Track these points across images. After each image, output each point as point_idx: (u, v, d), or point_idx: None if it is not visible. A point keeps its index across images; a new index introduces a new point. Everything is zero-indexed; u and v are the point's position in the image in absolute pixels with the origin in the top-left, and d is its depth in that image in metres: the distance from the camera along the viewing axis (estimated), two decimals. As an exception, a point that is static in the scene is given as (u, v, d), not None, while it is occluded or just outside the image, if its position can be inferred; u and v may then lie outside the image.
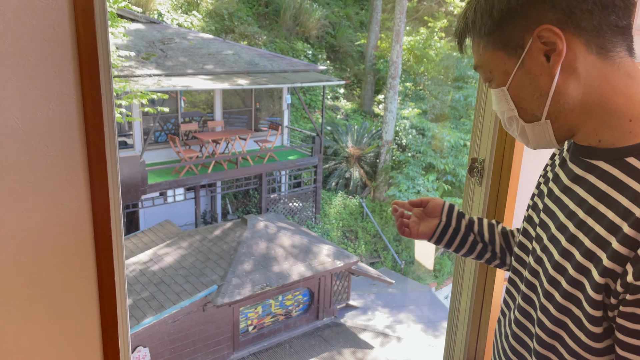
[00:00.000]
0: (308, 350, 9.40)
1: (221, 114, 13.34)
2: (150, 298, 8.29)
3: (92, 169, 0.90)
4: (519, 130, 0.86)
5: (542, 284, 0.83)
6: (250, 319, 9.29)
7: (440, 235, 1.16)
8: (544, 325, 0.81)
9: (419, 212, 1.19)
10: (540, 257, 0.85)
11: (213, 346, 8.79)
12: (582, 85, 0.76)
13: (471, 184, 1.44)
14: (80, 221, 0.92)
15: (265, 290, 8.54)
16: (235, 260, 8.80)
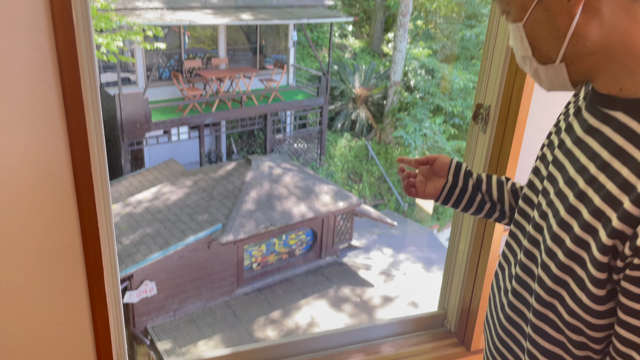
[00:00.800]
0: (310, 287, 9.66)
1: (225, 50, 13.02)
2: (156, 234, 8.44)
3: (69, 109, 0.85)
4: (532, 70, 0.80)
5: (545, 240, 0.79)
6: (255, 257, 9.49)
7: (447, 196, 1.12)
8: (544, 283, 0.78)
9: (425, 170, 1.15)
10: (546, 212, 0.81)
11: (218, 282, 9.04)
12: (605, 27, 0.69)
13: (475, 131, 1.37)
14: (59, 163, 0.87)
15: (269, 230, 8.66)
16: (239, 200, 8.87)
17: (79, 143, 0.89)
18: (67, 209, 0.91)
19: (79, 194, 0.90)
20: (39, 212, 0.89)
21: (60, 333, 0.95)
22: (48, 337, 0.95)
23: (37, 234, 0.90)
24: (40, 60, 0.83)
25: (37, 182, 0.87)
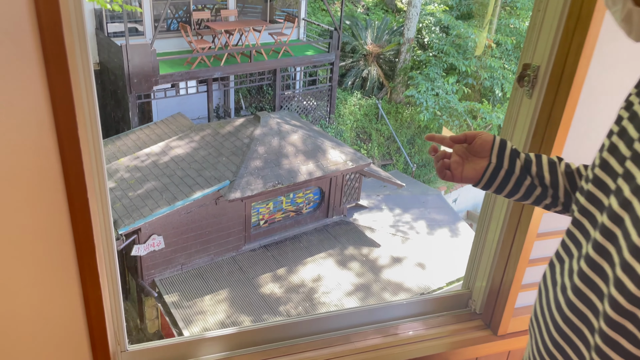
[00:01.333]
0: (316, 246, 9.68)
1: (235, 2, 12.59)
2: (163, 189, 8.40)
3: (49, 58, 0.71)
4: (624, 13, 0.65)
5: (629, 235, 0.66)
6: (262, 214, 9.48)
7: (490, 179, 0.97)
8: (624, 288, 0.65)
9: (461, 150, 1.00)
10: (629, 200, 0.67)
11: (225, 237, 9.06)
12: None
13: (519, 95, 1.22)
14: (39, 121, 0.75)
15: (277, 188, 8.59)
16: (247, 157, 8.77)
17: (62, 95, 0.75)
18: (51, 177, 0.78)
19: (64, 158, 0.78)
20: (19, 178, 0.77)
21: (48, 315, 0.86)
22: (35, 320, 0.86)
23: (17, 206, 0.79)
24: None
25: (17, 144, 0.74)
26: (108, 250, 0.96)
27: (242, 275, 8.81)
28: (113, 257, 0.98)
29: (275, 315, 8.01)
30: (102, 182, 0.88)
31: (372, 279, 8.93)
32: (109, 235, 0.96)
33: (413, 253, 9.71)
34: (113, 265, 1.00)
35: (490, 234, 1.44)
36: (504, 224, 1.36)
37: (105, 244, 0.94)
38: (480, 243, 1.49)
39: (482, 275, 1.44)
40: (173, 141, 9.76)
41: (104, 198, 0.91)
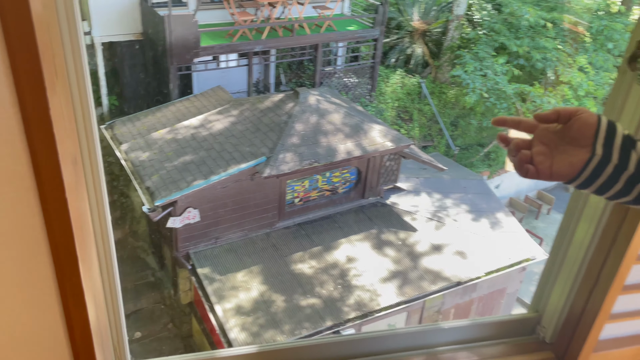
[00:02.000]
0: (351, 227, 9.51)
1: (279, -27, 12.28)
2: (200, 162, 8.37)
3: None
4: None
5: None
6: (297, 192, 9.35)
7: (592, 176, 0.73)
8: None
9: (549, 135, 0.75)
10: None
11: (260, 213, 9.00)
12: None
13: (627, 80, 0.95)
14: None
15: (313, 166, 8.42)
16: (284, 134, 8.61)
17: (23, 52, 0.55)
18: (18, 172, 0.59)
19: (30, 141, 0.58)
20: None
21: (23, 339, 0.69)
22: (8, 346, 0.69)
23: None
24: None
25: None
26: (105, 257, 0.79)
27: (275, 252, 8.75)
28: (111, 263, 0.81)
29: (306, 291, 7.93)
30: (95, 174, 0.70)
31: (408, 266, 8.70)
32: (105, 237, 0.78)
33: (452, 240, 9.40)
34: (112, 273, 0.83)
35: (573, 249, 1.18)
36: (595, 238, 1.10)
37: (101, 248, 0.77)
38: (559, 258, 1.23)
39: (558, 297, 1.19)
40: (212, 115, 9.69)
41: (99, 195, 0.73)
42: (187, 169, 8.28)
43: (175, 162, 8.47)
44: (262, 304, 7.72)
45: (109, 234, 0.80)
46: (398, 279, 8.45)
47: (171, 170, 8.30)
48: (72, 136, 0.64)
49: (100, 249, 0.78)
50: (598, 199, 1.14)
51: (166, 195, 7.73)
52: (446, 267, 8.75)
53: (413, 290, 8.25)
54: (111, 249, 0.82)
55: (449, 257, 8.97)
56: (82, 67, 0.69)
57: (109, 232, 0.80)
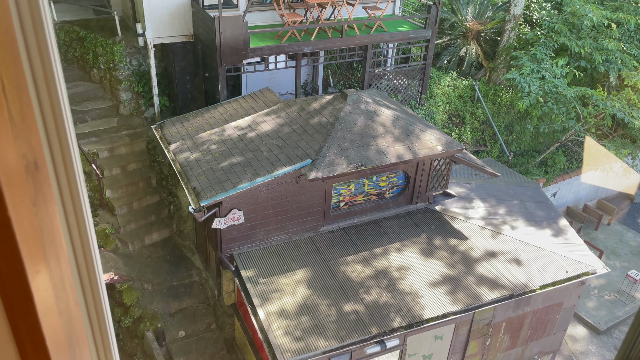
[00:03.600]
0: (398, 233, 9.22)
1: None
2: (246, 164, 8.33)
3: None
4: None
5: None
6: (342, 196, 9.17)
7: None
8: None
9: None
10: None
11: (304, 217, 8.88)
12: None
13: None
14: None
15: (359, 170, 8.21)
16: (331, 136, 8.45)
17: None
18: None
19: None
20: None
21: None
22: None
23: None
24: None
25: None
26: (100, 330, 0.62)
27: (319, 256, 8.60)
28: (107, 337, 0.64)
29: (350, 297, 7.72)
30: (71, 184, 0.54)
31: (458, 275, 8.34)
32: (96, 292, 0.61)
33: (504, 249, 8.95)
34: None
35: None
36: None
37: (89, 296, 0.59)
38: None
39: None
40: (259, 116, 9.66)
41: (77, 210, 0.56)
42: (233, 170, 8.26)
43: (222, 163, 8.48)
44: (305, 309, 7.58)
45: (100, 291, 0.62)
46: (446, 288, 8.10)
47: (217, 171, 8.31)
48: (25, 134, 0.48)
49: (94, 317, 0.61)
50: None
51: (211, 196, 7.73)
52: (498, 278, 8.32)
53: (462, 301, 7.89)
54: (104, 311, 0.64)
55: (501, 268, 8.53)
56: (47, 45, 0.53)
57: (100, 288, 0.62)
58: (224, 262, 8.38)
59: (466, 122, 13.57)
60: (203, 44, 10.80)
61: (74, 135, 0.60)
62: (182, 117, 10.14)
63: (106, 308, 0.66)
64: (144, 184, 10.97)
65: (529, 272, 8.51)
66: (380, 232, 9.26)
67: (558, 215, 10.32)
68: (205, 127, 9.62)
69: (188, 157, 8.82)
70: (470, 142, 13.60)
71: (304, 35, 11.04)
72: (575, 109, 12.21)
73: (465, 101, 13.77)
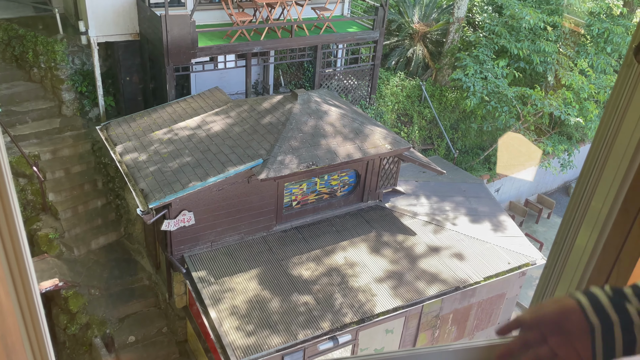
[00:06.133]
0: (349, 230, 9.39)
1: (278, -26, 12.19)
2: (196, 165, 8.26)
3: None
4: None
5: None
6: (295, 195, 9.24)
7: (606, 347, 0.66)
8: None
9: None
10: None
11: (256, 217, 8.89)
12: None
13: (632, 75, 0.82)
14: None
15: (311, 169, 8.30)
16: (282, 136, 8.50)
17: None
18: None
19: None
20: None
21: None
22: None
23: None
24: None
25: None
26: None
27: (272, 255, 8.64)
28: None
29: (303, 295, 7.80)
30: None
31: (407, 270, 8.58)
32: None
33: (451, 244, 9.28)
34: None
35: (574, 258, 1.05)
36: (598, 245, 0.96)
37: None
38: (557, 267, 1.09)
39: None
40: (209, 116, 9.59)
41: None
42: (183, 171, 8.16)
43: (171, 163, 8.36)
44: (257, 307, 7.60)
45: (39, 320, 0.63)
46: (396, 283, 8.32)
47: (166, 172, 8.19)
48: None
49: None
50: (601, 203, 1.02)
51: (160, 197, 7.62)
52: (445, 271, 8.63)
53: (411, 294, 8.13)
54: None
55: (447, 261, 8.85)
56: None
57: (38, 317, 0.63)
58: (174, 264, 8.27)
59: (414, 121, 13.94)
60: (150, 42, 10.59)
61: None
62: (128, 118, 9.91)
63: (38, 302, 0.69)
64: (89, 186, 10.64)
65: (473, 264, 8.87)
66: (333, 230, 9.39)
67: (500, 210, 10.79)
68: (153, 127, 9.45)
69: (135, 158, 8.63)
70: (419, 140, 13.99)
71: (253, 35, 11.03)
72: (516, 108, 12.80)
73: (413, 101, 14.15)
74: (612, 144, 0.86)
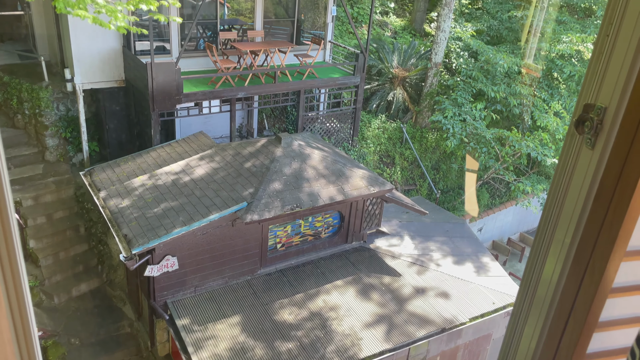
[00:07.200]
0: (334, 272, 9.38)
1: (262, 23, 12.60)
2: (180, 209, 8.27)
3: None
4: None
5: None
6: (279, 237, 9.25)
7: None
8: None
9: None
10: None
11: (241, 260, 8.85)
12: None
13: (576, 144, 0.93)
14: None
15: (295, 211, 8.37)
16: (266, 179, 8.60)
17: None
18: None
19: None
20: None
21: None
22: None
23: None
24: None
25: None
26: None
27: (256, 300, 8.56)
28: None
29: (287, 341, 7.70)
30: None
31: (392, 312, 8.56)
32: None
33: (435, 285, 9.31)
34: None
35: (542, 288, 1.13)
36: (553, 305, 1.06)
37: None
38: (527, 298, 1.17)
39: (529, 342, 1.12)
40: (193, 160, 9.67)
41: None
42: (167, 215, 8.16)
43: (155, 208, 8.36)
44: (241, 354, 7.47)
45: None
46: (382, 326, 8.28)
47: (150, 217, 8.18)
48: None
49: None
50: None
51: (144, 242, 7.58)
52: (430, 312, 8.62)
53: (397, 337, 8.08)
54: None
55: (433, 303, 8.85)
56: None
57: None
58: (157, 311, 8.14)
59: (396, 162, 14.19)
60: (135, 89, 10.76)
61: (9, 188, 0.70)
62: (112, 163, 9.94)
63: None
64: (71, 232, 10.53)
65: (458, 305, 8.88)
66: (318, 272, 9.38)
67: (483, 250, 10.91)
68: (137, 172, 9.48)
69: (119, 203, 8.62)
70: (401, 181, 14.20)
71: (237, 81, 11.29)
72: (495, 149, 13.14)
73: (395, 142, 14.44)
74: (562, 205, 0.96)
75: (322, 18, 13.99)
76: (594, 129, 0.87)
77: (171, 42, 11.33)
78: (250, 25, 12.60)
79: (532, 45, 13.78)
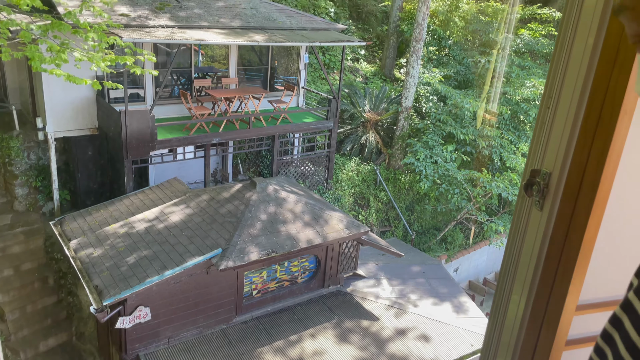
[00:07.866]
0: (312, 318, 9.25)
1: (236, 70, 12.85)
2: (153, 257, 8.12)
3: None
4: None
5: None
6: (255, 284, 9.13)
7: None
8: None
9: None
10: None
11: (216, 308, 8.67)
12: None
13: (526, 206, 1.01)
14: None
15: (271, 257, 8.31)
16: (242, 224, 8.55)
17: None
18: None
19: None
20: None
21: None
22: None
23: None
24: None
25: None
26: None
27: (232, 349, 8.34)
28: None
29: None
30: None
31: (371, 354, 8.44)
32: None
33: (414, 326, 9.26)
34: None
35: (505, 335, 1.17)
36: (525, 319, 1.09)
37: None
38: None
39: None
40: (167, 207, 9.58)
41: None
42: (139, 264, 8.00)
43: (127, 257, 8.19)
44: (218, 409, 7.20)
45: None
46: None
47: (122, 266, 8.00)
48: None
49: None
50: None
51: (115, 293, 7.38)
52: (409, 355, 8.53)
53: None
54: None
55: (411, 345, 8.77)
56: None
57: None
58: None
59: (371, 204, 14.32)
60: (109, 137, 10.72)
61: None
62: (84, 211, 9.76)
63: None
64: (39, 284, 10.17)
65: (437, 347, 8.82)
66: (295, 318, 9.23)
67: (460, 291, 10.95)
68: (109, 220, 9.32)
69: (90, 253, 8.42)
70: (376, 223, 14.28)
71: (212, 127, 11.37)
72: (466, 190, 13.42)
73: (369, 185, 14.62)
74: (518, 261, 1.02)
75: (295, 64, 14.35)
76: (541, 192, 0.94)
77: (145, 90, 11.41)
78: (225, 72, 12.82)
79: (497, 89, 14.36)
